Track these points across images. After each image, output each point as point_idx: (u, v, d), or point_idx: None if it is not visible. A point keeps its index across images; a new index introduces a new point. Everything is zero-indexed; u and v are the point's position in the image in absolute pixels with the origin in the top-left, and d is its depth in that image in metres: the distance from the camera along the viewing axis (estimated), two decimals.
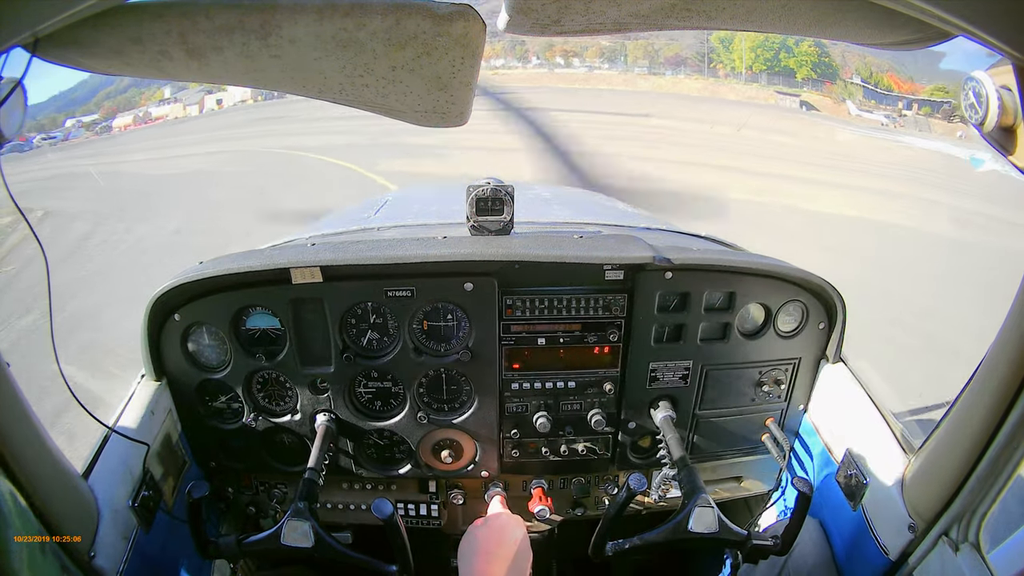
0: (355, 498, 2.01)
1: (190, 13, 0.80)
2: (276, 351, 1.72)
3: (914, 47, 0.94)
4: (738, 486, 2.08)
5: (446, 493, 2.00)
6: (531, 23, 0.84)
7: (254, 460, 1.89)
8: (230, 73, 0.94)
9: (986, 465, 1.19)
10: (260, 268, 1.59)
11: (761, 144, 16.93)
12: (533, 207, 2.76)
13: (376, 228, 2.31)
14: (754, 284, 1.73)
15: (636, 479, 1.39)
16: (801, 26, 0.92)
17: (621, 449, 1.92)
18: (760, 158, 14.81)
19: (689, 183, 12.14)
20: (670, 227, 2.51)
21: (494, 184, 1.70)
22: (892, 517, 1.44)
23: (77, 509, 1.30)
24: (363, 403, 1.83)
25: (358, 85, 0.96)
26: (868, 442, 1.60)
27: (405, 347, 1.73)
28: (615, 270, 1.69)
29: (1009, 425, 1.14)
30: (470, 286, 1.65)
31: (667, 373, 1.80)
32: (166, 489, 1.67)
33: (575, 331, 1.75)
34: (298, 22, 0.82)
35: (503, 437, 1.87)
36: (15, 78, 0.82)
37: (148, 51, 0.85)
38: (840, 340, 1.78)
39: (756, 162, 14.22)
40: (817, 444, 1.82)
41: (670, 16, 0.85)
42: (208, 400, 1.80)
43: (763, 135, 18.33)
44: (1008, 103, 0.87)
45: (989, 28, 0.73)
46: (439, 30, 0.85)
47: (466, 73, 0.94)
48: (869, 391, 1.70)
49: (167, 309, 1.66)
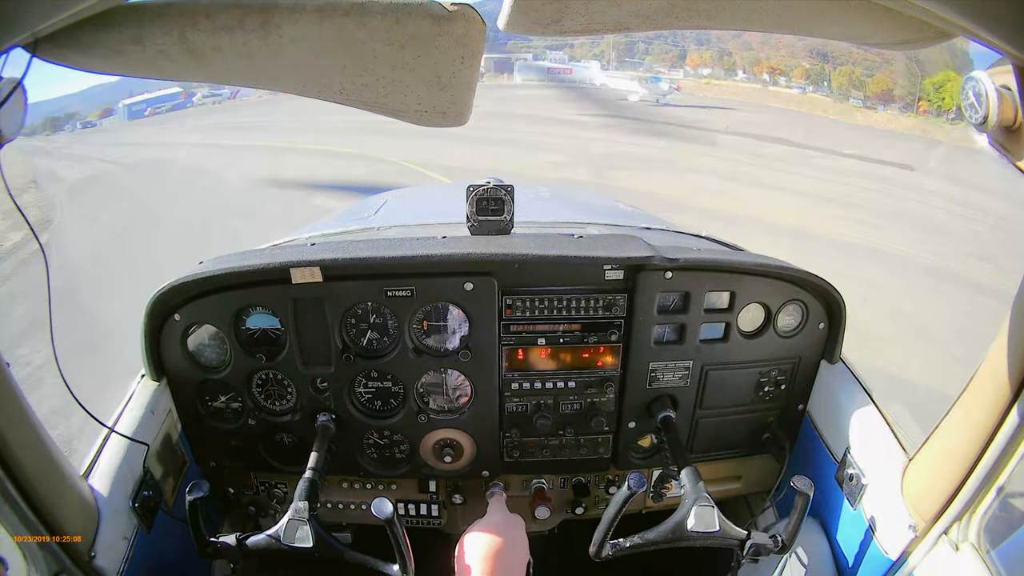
0: (355, 498, 2.01)
1: (190, 13, 0.80)
2: (276, 351, 1.72)
3: (914, 47, 0.94)
4: (738, 486, 2.08)
5: (446, 493, 2.00)
6: (531, 22, 0.84)
7: (254, 460, 1.89)
8: (230, 73, 0.94)
9: (986, 465, 1.19)
10: (260, 268, 1.59)
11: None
12: (533, 207, 2.76)
13: (376, 228, 2.32)
14: (754, 284, 1.73)
15: (636, 478, 1.39)
16: (801, 26, 0.92)
17: (621, 449, 1.91)
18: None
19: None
20: (670, 227, 2.51)
21: (494, 184, 1.70)
22: (892, 517, 1.44)
23: (77, 509, 1.30)
24: (363, 403, 1.83)
25: (358, 85, 0.96)
26: (868, 442, 1.60)
27: (405, 347, 1.73)
28: (615, 270, 1.69)
29: (1009, 425, 1.14)
30: (470, 286, 1.65)
31: (667, 373, 1.80)
32: (166, 489, 1.67)
33: (575, 331, 1.75)
34: (298, 22, 0.82)
35: (503, 437, 1.87)
36: (15, 78, 0.82)
37: (148, 51, 0.85)
38: (840, 340, 1.79)
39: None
40: (817, 444, 1.82)
41: (670, 16, 0.85)
42: (208, 400, 1.80)
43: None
44: (1008, 103, 0.87)
45: (989, 28, 0.73)
46: (439, 30, 0.85)
47: (466, 73, 0.94)
48: (869, 391, 1.70)
49: (167, 309, 1.66)
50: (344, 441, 1.84)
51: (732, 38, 39.95)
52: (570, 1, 0.79)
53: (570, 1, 0.79)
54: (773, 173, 14.50)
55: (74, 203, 14.18)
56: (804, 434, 1.91)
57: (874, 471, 1.54)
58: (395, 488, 2.02)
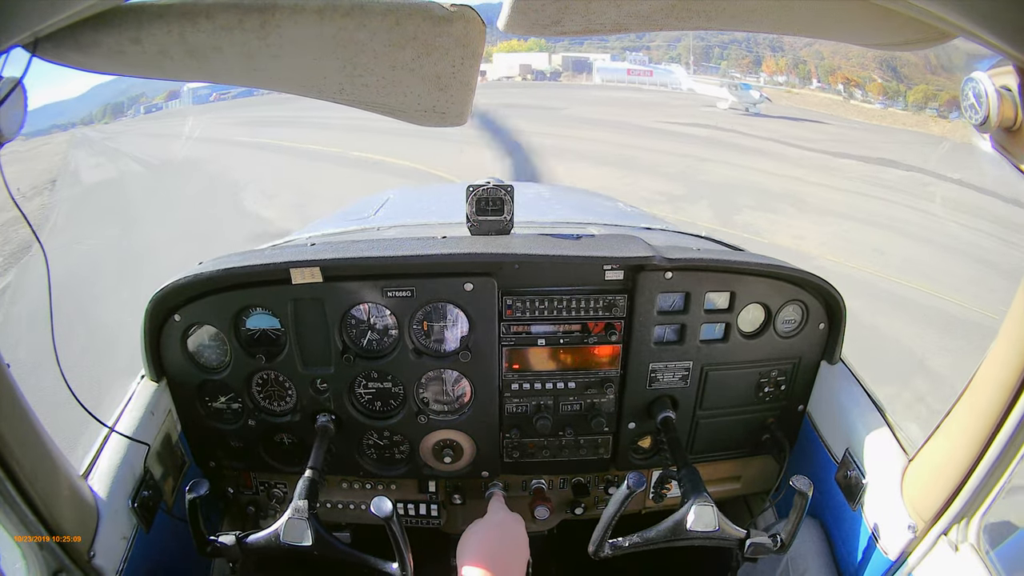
0: (355, 498, 2.01)
1: (190, 13, 0.80)
2: (276, 352, 1.72)
3: (914, 47, 0.94)
4: (738, 486, 2.08)
5: (446, 493, 2.00)
6: (531, 23, 0.84)
7: (254, 460, 1.89)
8: (230, 73, 0.94)
9: (986, 465, 1.19)
10: (260, 268, 1.59)
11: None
12: (533, 207, 2.76)
13: (376, 228, 2.31)
14: (754, 284, 1.73)
15: (635, 477, 1.39)
16: (801, 27, 0.92)
17: (621, 450, 1.91)
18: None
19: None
20: (670, 227, 2.50)
21: (494, 184, 1.70)
22: (892, 517, 1.44)
23: (77, 509, 1.30)
24: (363, 403, 1.82)
25: (358, 85, 0.96)
26: (868, 442, 1.60)
27: (405, 348, 1.73)
28: (615, 270, 1.69)
29: (1009, 425, 1.14)
30: (470, 286, 1.65)
31: (667, 374, 1.80)
32: (166, 489, 1.67)
33: (575, 331, 1.75)
34: (298, 22, 0.82)
35: (503, 437, 1.87)
36: (15, 78, 0.82)
37: (148, 51, 0.85)
38: (840, 340, 1.78)
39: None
40: (817, 444, 1.82)
41: (670, 16, 0.85)
42: (208, 401, 1.80)
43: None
44: (1008, 103, 0.87)
45: (989, 28, 0.73)
46: (439, 30, 0.85)
47: (466, 73, 0.94)
48: (869, 391, 1.70)
49: (167, 309, 1.66)
50: (344, 442, 1.84)
51: (805, 46, 38.73)
52: (570, 2, 0.79)
53: (570, 2, 0.79)
54: (916, 215, 11.45)
55: (69, 219, 12.73)
56: (804, 434, 1.91)
57: (874, 471, 1.54)
58: (395, 488, 2.02)
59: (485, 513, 1.61)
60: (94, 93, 61.75)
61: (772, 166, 15.22)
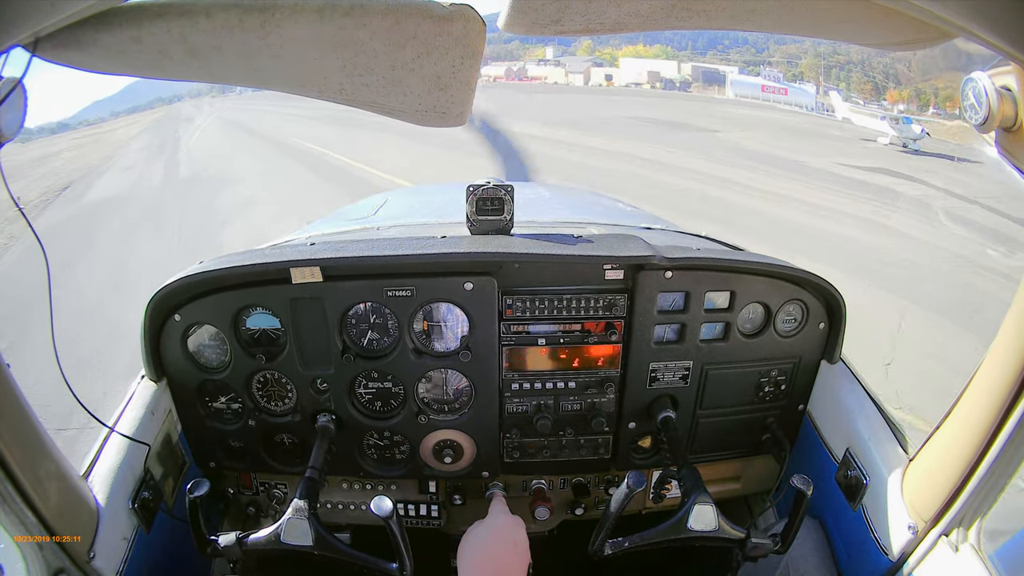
0: (355, 498, 2.01)
1: (190, 13, 0.80)
2: (276, 352, 1.72)
3: (914, 47, 0.94)
4: (738, 486, 2.08)
5: (446, 493, 2.00)
6: (531, 22, 0.84)
7: (254, 460, 1.89)
8: (230, 72, 0.94)
9: (986, 465, 1.19)
10: (260, 267, 1.59)
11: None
12: (533, 207, 2.76)
13: (376, 228, 2.31)
14: (754, 284, 1.73)
15: (635, 477, 1.39)
16: (801, 26, 0.92)
17: (621, 450, 1.91)
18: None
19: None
20: (670, 227, 2.50)
21: (494, 183, 1.70)
22: (892, 517, 1.44)
23: (77, 509, 1.30)
24: (363, 403, 1.82)
25: (358, 85, 0.96)
26: (868, 442, 1.60)
27: (405, 348, 1.72)
28: (615, 270, 1.69)
29: (1009, 425, 1.14)
30: (470, 286, 1.65)
31: (667, 373, 1.80)
32: (166, 489, 1.67)
33: (575, 331, 1.75)
34: (298, 22, 0.82)
35: (503, 438, 1.87)
36: (15, 78, 0.82)
37: (148, 51, 0.85)
38: (840, 340, 1.78)
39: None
40: (817, 444, 1.82)
41: (670, 16, 0.85)
42: (208, 401, 1.80)
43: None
44: (1009, 104, 0.87)
45: (989, 28, 0.73)
46: (439, 30, 0.85)
47: (466, 73, 0.94)
48: (869, 391, 1.70)
49: (167, 309, 1.66)
50: (344, 442, 1.84)
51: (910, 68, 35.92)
52: (570, 1, 0.79)
53: (570, 1, 0.79)
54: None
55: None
56: (804, 434, 1.91)
57: (874, 472, 1.54)
58: (395, 489, 2.02)
59: (486, 514, 1.60)
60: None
61: (978, 240, 9.16)
